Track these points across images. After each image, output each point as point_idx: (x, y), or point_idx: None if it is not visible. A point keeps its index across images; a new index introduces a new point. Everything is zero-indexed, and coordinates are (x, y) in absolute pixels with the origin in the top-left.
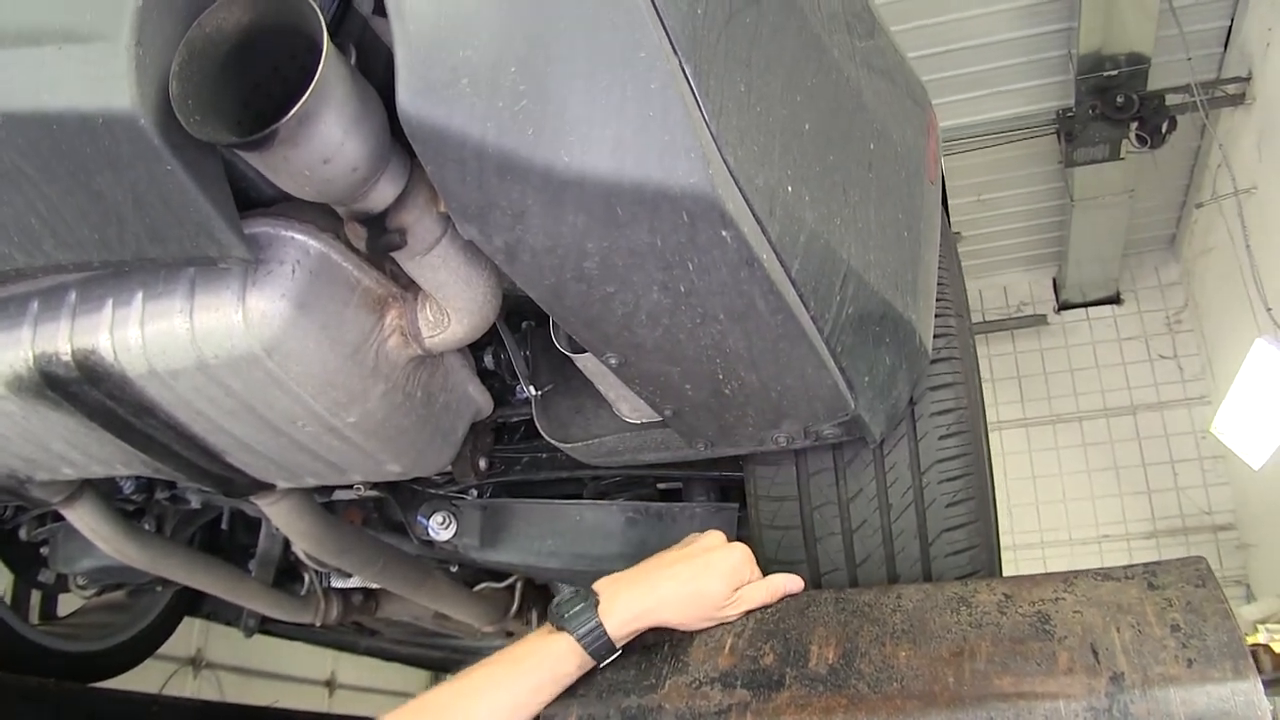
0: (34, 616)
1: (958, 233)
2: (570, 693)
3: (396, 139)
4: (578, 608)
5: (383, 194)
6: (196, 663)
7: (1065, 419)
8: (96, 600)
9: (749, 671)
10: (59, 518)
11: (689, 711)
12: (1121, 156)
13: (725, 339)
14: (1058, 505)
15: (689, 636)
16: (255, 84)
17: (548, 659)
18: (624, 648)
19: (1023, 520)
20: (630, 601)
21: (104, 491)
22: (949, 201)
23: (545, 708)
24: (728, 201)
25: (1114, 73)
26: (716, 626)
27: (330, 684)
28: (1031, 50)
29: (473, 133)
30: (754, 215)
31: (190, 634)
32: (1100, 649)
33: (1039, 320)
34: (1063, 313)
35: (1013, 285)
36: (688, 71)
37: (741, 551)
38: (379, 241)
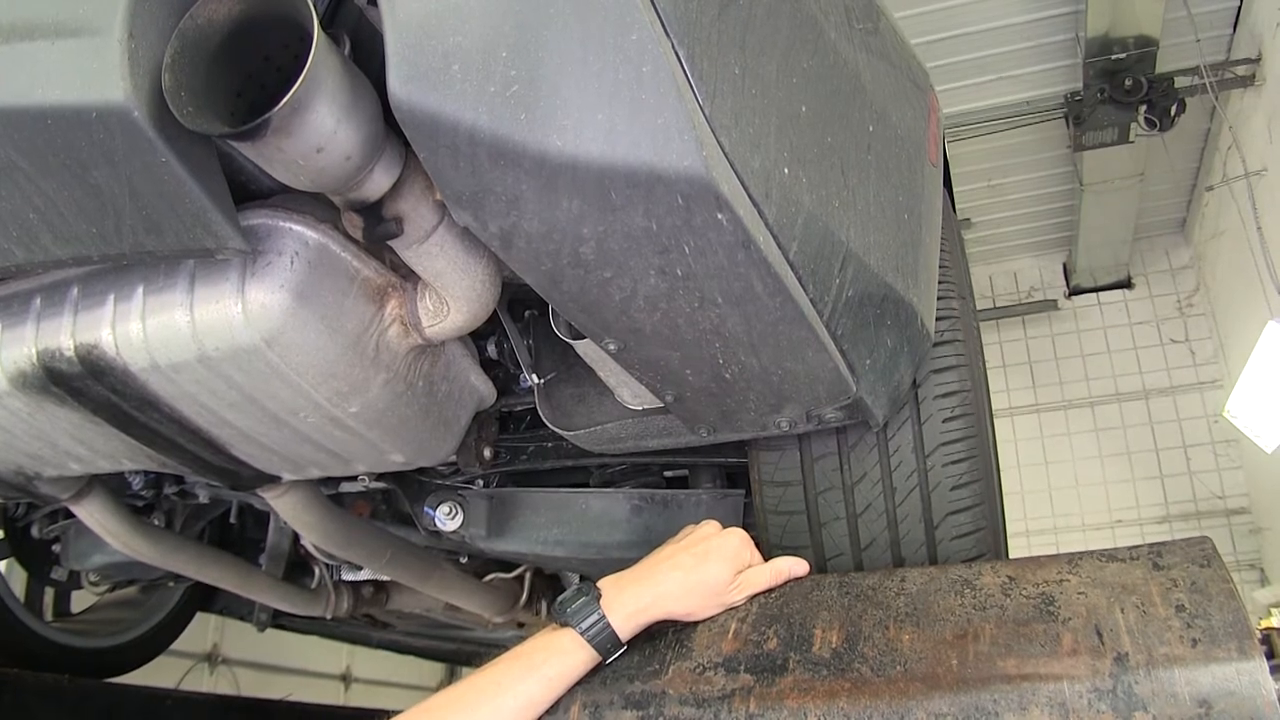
0: (48, 614)
1: (967, 219)
2: None
3: (391, 127)
4: (580, 602)
5: (378, 182)
6: (213, 658)
7: (1077, 404)
8: (109, 596)
9: (752, 656)
10: (70, 515)
11: (692, 696)
12: (1130, 140)
13: (724, 323)
14: (1070, 491)
15: (693, 622)
16: (248, 75)
17: (555, 654)
18: None
19: (1035, 506)
20: (634, 595)
21: (113, 488)
22: (957, 187)
23: None
24: (722, 184)
25: (1122, 56)
26: (720, 612)
27: (346, 678)
28: (1039, 34)
29: (465, 118)
30: (750, 197)
31: (206, 630)
32: (1104, 630)
33: (1050, 305)
34: (1074, 298)
35: (1023, 271)
36: (681, 55)
37: (739, 536)
38: (376, 230)
